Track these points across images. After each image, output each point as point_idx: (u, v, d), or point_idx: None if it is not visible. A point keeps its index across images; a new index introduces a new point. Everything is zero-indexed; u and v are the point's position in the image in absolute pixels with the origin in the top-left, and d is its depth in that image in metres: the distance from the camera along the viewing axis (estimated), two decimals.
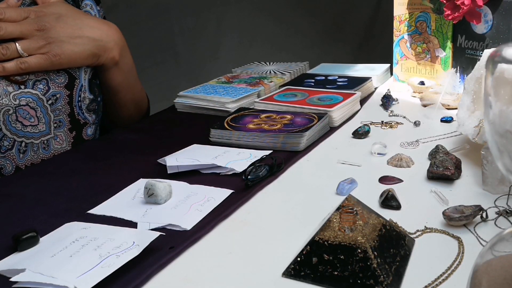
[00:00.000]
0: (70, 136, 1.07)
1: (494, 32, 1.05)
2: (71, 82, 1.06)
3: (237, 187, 0.81)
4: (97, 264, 0.59)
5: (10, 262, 0.63)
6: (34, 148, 1.01)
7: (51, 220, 0.74)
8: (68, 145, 1.07)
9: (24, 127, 0.99)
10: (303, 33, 2.44)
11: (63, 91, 1.04)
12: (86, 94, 1.09)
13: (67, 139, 1.07)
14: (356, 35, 2.50)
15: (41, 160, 1.03)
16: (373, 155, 0.91)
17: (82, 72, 1.08)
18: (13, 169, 0.99)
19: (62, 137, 1.05)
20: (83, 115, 1.08)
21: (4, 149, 0.97)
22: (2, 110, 0.94)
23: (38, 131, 1.01)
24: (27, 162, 1.01)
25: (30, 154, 1.00)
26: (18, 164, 1.00)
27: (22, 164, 1.00)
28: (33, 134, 1.00)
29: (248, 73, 1.47)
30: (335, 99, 1.14)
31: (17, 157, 0.99)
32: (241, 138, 0.99)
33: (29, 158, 1.01)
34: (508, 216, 0.67)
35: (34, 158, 1.02)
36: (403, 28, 1.28)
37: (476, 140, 0.82)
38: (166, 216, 0.73)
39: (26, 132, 0.99)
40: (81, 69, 1.07)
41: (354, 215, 0.59)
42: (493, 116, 0.39)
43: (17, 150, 0.98)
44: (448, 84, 1.15)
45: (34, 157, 1.02)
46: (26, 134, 0.99)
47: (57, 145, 1.05)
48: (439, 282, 0.55)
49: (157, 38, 2.31)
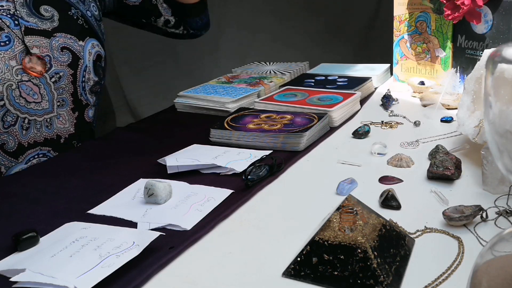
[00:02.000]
0: (73, 116, 1.08)
1: (494, 32, 1.05)
2: (74, 62, 1.06)
3: (237, 187, 0.81)
4: (97, 264, 0.59)
5: (10, 262, 0.63)
6: (37, 125, 1.01)
7: (51, 220, 0.74)
8: (71, 126, 1.08)
9: (28, 103, 0.99)
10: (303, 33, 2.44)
11: (66, 69, 1.04)
12: (90, 76, 1.10)
13: (70, 119, 1.07)
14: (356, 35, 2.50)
15: (44, 138, 1.03)
16: (373, 155, 0.91)
17: (87, 53, 1.09)
18: (15, 145, 0.99)
19: (64, 116, 1.06)
20: (86, 96, 1.09)
21: (7, 125, 0.97)
22: (5, 84, 0.94)
23: (41, 108, 1.01)
24: (30, 140, 1.01)
25: (33, 132, 1.00)
26: (21, 141, 1.00)
27: (25, 141, 1.00)
28: (36, 111, 1.00)
29: (248, 73, 1.47)
30: (335, 99, 1.14)
31: (20, 134, 0.99)
32: (241, 138, 0.99)
33: (32, 135, 1.01)
34: (508, 216, 0.67)
35: (37, 136, 1.02)
36: (403, 28, 1.28)
37: (476, 140, 0.82)
38: (166, 216, 0.73)
39: (30, 108, 0.99)
40: (85, 50, 1.08)
41: (354, 215, 0.59)
42: (493, 116, 0.39)
43: (20, 126, 0.98)
44: (448, 84, 1.15)
45: (37, 135, 1.02)
46: (30, 111, 0.99)
47: (60, 124, 1.05)
48: (439, 282, 0.55)
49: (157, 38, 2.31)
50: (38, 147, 1.04)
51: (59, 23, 1.08)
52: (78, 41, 1.09)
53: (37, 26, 1.04)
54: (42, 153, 1.05)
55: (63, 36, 1.07)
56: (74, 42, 1.08)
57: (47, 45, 1.04)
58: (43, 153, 1.05)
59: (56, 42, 1.05)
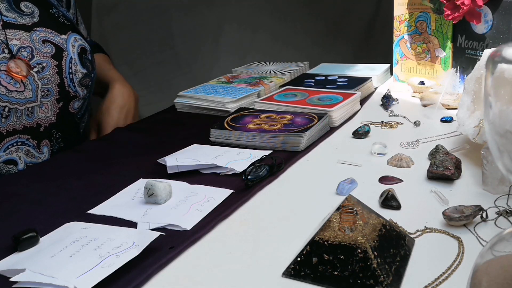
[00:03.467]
0: (56, 106, 1.08)
1: (494, 32, 1.05)
2: (58, 53, 1.07)
3: (237, 187, 0.81)
4: (97, 264, 0.59)
5: (10, 262, 0.63)
6: (17, 114, 1.00)
7: (51, 220, 0.74)
8: (53, 115, 1.07)
9: (9, 92, 0.99)
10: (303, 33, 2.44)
11: (49, 60, 1.04)
12: (78, 68, 1.10)
13: (53, 109, 1.07)
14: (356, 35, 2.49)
15: (23, 126, 1.03)
16: (373, 155, 0.91)
17: (70, 45, 1.09)
18: None
19: (48, 106, 1.06)
20: (74, 88, 1.09)
21: None
22: None
23: (24, 97, 1.01)
24: (9, 128, 1.01)
25: (12, 120, 1.00)
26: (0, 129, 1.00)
27: (3, 128, 1.00)
28: (18, 99, 1.00)
29: (248, 73, 1.47)
30: (335, 99, 1.14)
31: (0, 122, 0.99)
32: (241, 138, 0.99)
33: (11, 123, 1.01)
34: (508, 216, 0.67)
35: (17, 124, 1.02)
36: (403, 28, 1.28)
37: (476, 140, 0.82)
38: (166, 216, 0.73)
39: (11, 97, 0.99)
40: (68, 42, 1.08)
41: (354, 215, 0.59)
42: (493, 116, 0.39)
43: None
44: (448, 84, 1.15)
45: (16, 123, 1.01)
46: (11, 100, 0.99)
47: (42, 113, 1.05)
48: (439, 282, 0.55)
49: (157, 38, 2.31)
50: (17, 135, 1.04)
51: (39, 19, 1.08)
52: (60, 35, 1.09)
53: (16, 21, 1.04)
54: (21, 141, 1.04)
55: (44, 30, 1.07)
56: (55, 36, 1.08)
57: (28, 37, 1.04)
58: (22, 141, 1.05)
59: (36, 36, 1.05)
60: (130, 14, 2.23)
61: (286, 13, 2.48)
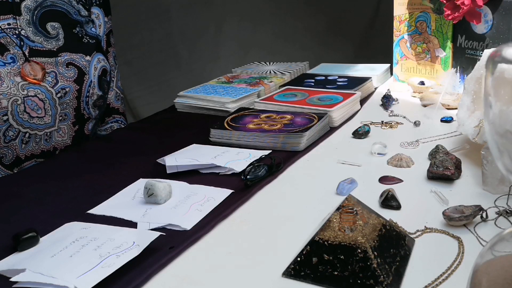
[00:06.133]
0: (72, 129, 1.09)
1: (494, 32, 1.05)
2: (80, 77, 1.07)
3: (237, 187, 0.81)
4: (97, 264, 0.59)
5: (10, 262, 0.63)
6: (36, 139, 1.02)
7: (51, 220, 0.74)
8: (69, 139, 1.08)
9: (31, 118, 1.00)
10: (303, 33, 2.44)
11: (72, 85, 1.05)
12: (95, 91, 1.11)
13: (69, 133, 1.08)
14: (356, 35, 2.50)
15: (41, 151, 1.04)
16: (373, 155, 0.91)
17: (92, 68, 1.09)
18: (13, 158, 1.00)
19: (65, 130, 1.07)
20: (88, 110, 1.10)
21: (8, 139, 0.98)
22: (11, 99, 0.95)
23: (43, 123, 1.03)
24: (28, 153, 1.02)
25: (32, 145, 1.02)
26: (19, 154, 1.01)
27: (22, 154, 1.01)
28: (38, 125, 1.02)
29: (248, 73, 1.47)
30: (335, 99, 1.14)
31: (19, 147, 1.00)
32: (241, 138, 0.99)
33: (30, 148, 1.02)
34: (508, 216, 0.67)
35: (35, 149, 1.03)
36: (403, 28, 1.28)
37: (476, 140, 0.82)
38: (166, 216, 0.73)
39: (32, 123, 1.01)
40: (91, 64, 1.09)
41: (354, 215, 0.59)
42: (493, 116, 0.39)
43: (20, 141, 0.99)
44: (448, 84, 1.15)
45: (35, 148, 1.03)
46: (32, 126, 1.01)
47: (59, 137, 1.06)
48: (439, 282, 0.55)
49: (157, 38, 2.31)
50: (34, 159, 1.06)
51: (64, 41, 1.09)
52: (85, 57, 1.10)
53: (42, 47, 1.05)
54: (36, 164, 1.06)
55: (68, 54, 1.09)
56: (80, 58, 1.09)
57: (53, 61, 1.05)
58: (37, 164, 1.06)
59: (62, 58, 1.07)
60: (130, 14, 2.23)
61: (286, 13, 2.48)
